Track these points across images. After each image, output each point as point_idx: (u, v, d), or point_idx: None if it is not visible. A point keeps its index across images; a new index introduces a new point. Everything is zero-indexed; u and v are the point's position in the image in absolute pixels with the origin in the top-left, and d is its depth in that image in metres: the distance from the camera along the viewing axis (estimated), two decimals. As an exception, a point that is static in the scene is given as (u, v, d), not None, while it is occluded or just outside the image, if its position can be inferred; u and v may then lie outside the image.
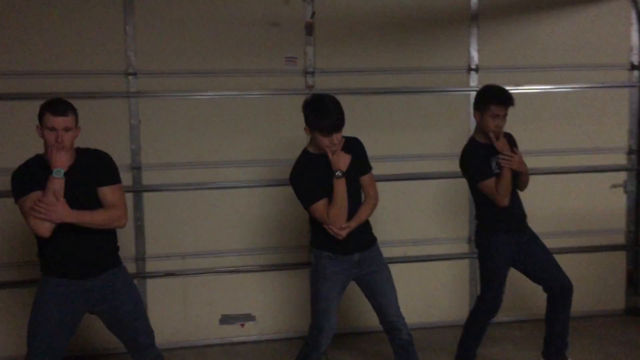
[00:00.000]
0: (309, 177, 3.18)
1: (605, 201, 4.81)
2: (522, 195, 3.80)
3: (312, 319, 3.33)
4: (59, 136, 2.82)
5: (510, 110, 3.64)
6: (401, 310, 3.36)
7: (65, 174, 2.82)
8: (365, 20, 4.43)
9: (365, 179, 3.32)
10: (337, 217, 3.14)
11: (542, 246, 3.74)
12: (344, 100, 3.26)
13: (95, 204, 2.95)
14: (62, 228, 2.85)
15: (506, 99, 3.54)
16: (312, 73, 4.37)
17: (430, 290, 4.71)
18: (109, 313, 3.04)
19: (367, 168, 3.33)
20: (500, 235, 3.64)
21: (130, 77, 4.16)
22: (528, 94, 4.64)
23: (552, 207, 4.76)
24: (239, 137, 4.35)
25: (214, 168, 4.32)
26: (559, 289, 3.70)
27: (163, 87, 4.23)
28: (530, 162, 4.27)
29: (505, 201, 3.55)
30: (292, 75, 4.37)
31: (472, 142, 3.71)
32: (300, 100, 4.28)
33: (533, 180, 4.48)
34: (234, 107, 4.33)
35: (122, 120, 4.19)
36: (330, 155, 3.11)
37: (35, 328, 2.91)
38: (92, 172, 2.96)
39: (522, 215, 3.75)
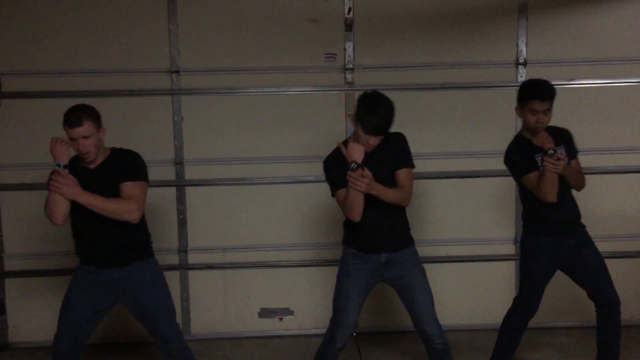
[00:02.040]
0: (339, 165, 3.07)
1: (668, 203, 4.50)
2: (580, 195, 3.58)
3: (332, 313, 3.29)
4: (80, 145, 2.98)
5: (564, 106, 3.48)
6: (447, 310, 3.22)
7: (66, 166, 2.96)
8: (406, 14, 4.34)
9: (399, 174, 3.14)
10: (350, 210, 3.03)
11: (594, 254, 3.50)
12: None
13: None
14: (90, 219, 3.00)
15: (545, 93, 3.33)
16: (352, 69, 4.33)
17: (475, 292, 4.58)
18: (133, 304, 3.15)
19: (404, 163, 3.16)
20: (541, 237, 3.47)
21: (173, 74, 4.29)
22: (581, 88, 4.40)
23: (612, 208, 4.51)
24: (278, 134, 4.39)
25: (254, 164, 4.39)
26: (604, 304, 3.50)
27: (205, 84, 4.32)
28: (585, 161, 4.06)
29: (549, 197, 3.30)
30: (332, 71, 4.35)
31: (517, 137, 3.55)
32: (339, 96, 4.36)
33: (590, 180, 4.27)
34: (273, 104, 4.37)
35: (165, 117, 4.32)
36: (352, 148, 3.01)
37: (65, 308, 3.10)
38: (118, 169, 3.07)
39: (571, 218, 3.50)
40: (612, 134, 4.45)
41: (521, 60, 4.36)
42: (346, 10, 4.28)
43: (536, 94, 3.33)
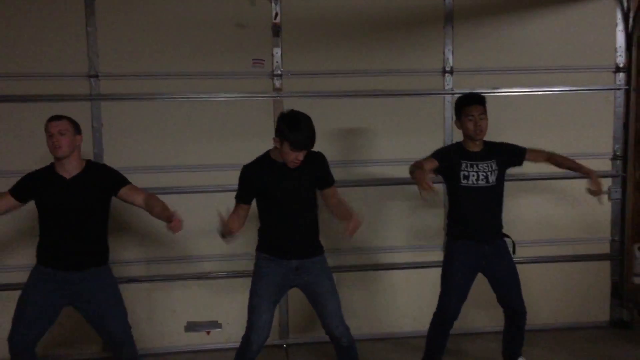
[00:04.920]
0: (255, 178, 3.27)
1: (590, 209, 4.61)
2: (506, 201, 3.76)
3: (247, 315, 3.35)
4: (54, 139, 3.17)
5: (489, 113, 3.63)
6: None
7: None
8: (335, 21, 4.31)
9: (329, 193, 3.37)
10: (232, 221, 3.26)
11: (507, 266, 3.69)
12: (312, 104, 3.38)
13: (100, 210, 3.31)
14: (59, 223, 3.21)
15: (476, 99, 3.63)
16: (280, 75, 4.26)
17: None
18: (86, 308, 3.29)
19: (330, 183, 3.38)
20: (457, 241, 3.68)
21: (92, 79, 4.10)
22: (507, 97, 4.49)
23: (534, 214, 4.60)
24: (203, 141, 4.26)
25: (178, 172, 4.25)
26: (511, 313, 3.75)
27: (126, 89, 4.16)
28: (510, 169, 4.14)
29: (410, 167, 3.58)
30: (260, 77, 4.27)
31: (456, 143, 3.79)
32: (267, 103, 4.27)
33: (514, 187, 4.37)
34: (199, 110, 4.25)
35: (84, 123, 3.99)
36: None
37: (21, 306, 3.25)
38: (99, 182, 3.28)
39: (488, 226, 3.65)
40: (535, 141, 4.47)
41: (447, 69, 4.40)
42: (273, 15, 4.20)
43: (469, 100, 3.64)
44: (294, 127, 3.11)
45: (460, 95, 3.80)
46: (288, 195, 3.25)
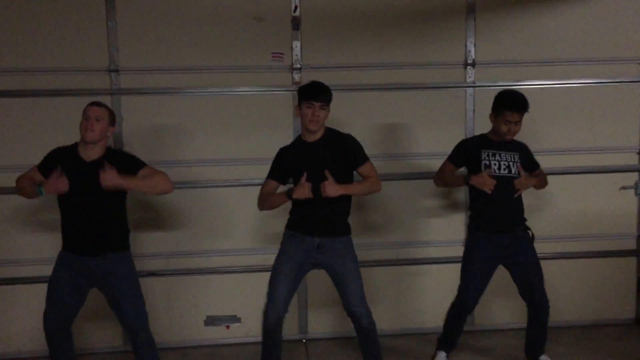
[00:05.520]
0: (284, 158, 3.44)
1: (615, 204, 4.53)
2: (527, 196, 3.74)
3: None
4: (89, 123, 3.25)
5: None
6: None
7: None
8: (354, 13, 4.26)
9: (362, 170, 3.42)
10: (262, 204, 3.49)
11: (529, 259, 3.68)
12: (332, 97, 3.37)
13: (117, 195, 3.32)
14: (77, 209, 3.27)
15: (520, 106, 3.57)
16: (299, 69, 4.22)
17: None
18: (106, 292, 3.39)
19: (361, 160, 3.41)
20: (477, 232, 3.70)
21: (112, 73, 4.11)
22: (529, 89, 4.31)
23: (558, 209, 4.52)
24: (222, 135, 4.25)
25: (197, 166, 4.24)
26: (533, 307, 3.75)
27: (146, 83, 4.16)
28: (545, 162, 4.06)
29: (437, 183, 3.87)
30: (279, 71, 4.24)
31: (480, 135, 3.82)
32: (287, 97, 4.24)
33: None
34: (218, 105, 4.23)
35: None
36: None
37: (51, 289, 3.38)
38: (118, 168, 3.24)
39: (509, 218, 3.65)
40: (560, 135, 4.46)
41: (469, 61, 4.34)
42: (292, 8, 4.17)
43: (511, 106, 3.57)
44: (309, 84, 3.38)
45: (503, 90, 3.70)
46: (315, 173, 3.30)
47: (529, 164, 3.75)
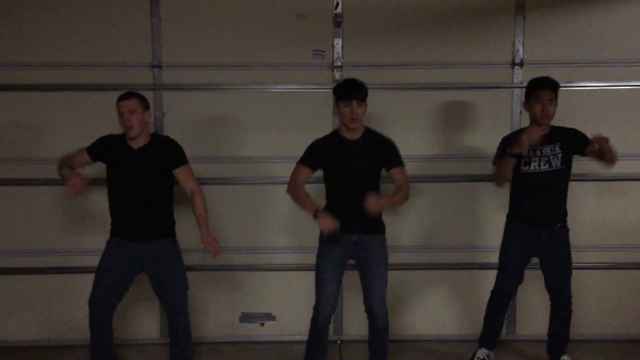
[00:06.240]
0: (320, 151, 3.48)
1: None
2: (571, 202, 3.73)
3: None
4: (125, 118, 3.36)
5: (562, 108, 3.59)
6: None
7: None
8: (397, 11, 4.17)
9: (394, 173, 3.48)
10: (290, 192, 3.52)
11: (562, 256, 3.69)
12: (374, 97, 3.39)
13: (164, 181, 3.49)
14: (127, 198, 3.42)
15: (549, 83, 3.58)
16: (340, 67, 4.16)
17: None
18: (152, 276, 3.55)
19: (395, 163, 3.47)
20: (514, 222, 3.74)
21: (155, 69, 4.15)
22: (581, 91, 4.21)
23: (601, 217, 4.32)
24: (262, 132, 4.24)
25: (237, 163, 4.24)
26: (555, 298, 3.77)
27: (188, 79, 4.18)
28: (580, 167, 3.95)
29: (497, 182, 3.72)
30: (320, 69, 4.19)
31: (518, 129, 3.81)
32: (327, 95, 4.20)
33: (581, 187, 4.15)
34: (258, 101, 4.22)
35: None
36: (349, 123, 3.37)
37: (100, 273, 3.51)
38: (162, 155, 3.46)
39: (548, 213, 3.62)
40: (612, 139, 4.24)
41: (517, 61, 4.18)
42: (334, 4, 4.12)
43: (539, 83, 3.60)
44: (346, 82, 3.42)
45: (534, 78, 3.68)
46: (349, 170, 3.39)
47: (578, 145, 3.61)
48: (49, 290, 4.32)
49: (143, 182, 3.42)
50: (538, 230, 3.64)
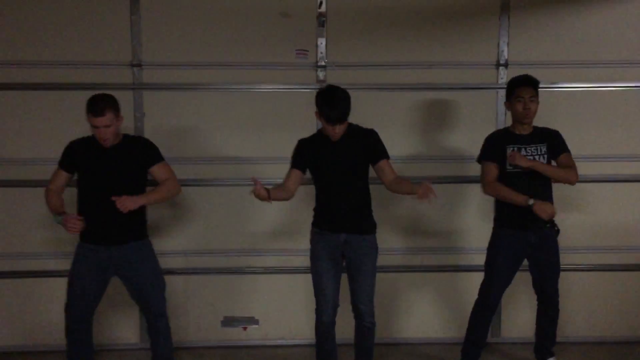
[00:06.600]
0: (305, 150, 3.44)
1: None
2: (560, 205, 3.70)
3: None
4: (101, 132, 3.26)
5: (545, 109, 3.57)
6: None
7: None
8: (382, 10, 4.13)
9: (382, 165, 3.42)
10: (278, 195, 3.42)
11: (550, 258, 3.65)
12: (358, 97, 3.30)
13: (136, 181, 3.40)
14: (97, 202, 3.31)
15: (528, 80, 3.55)
16: (324, 67, 4.11)
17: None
18: (127, 279, 3.47)
19: (381, 155, 3.41)
20: (502, 229, 3.66)
21: (134, 68, 4.06)
22: (565, 92, 4.21)
23: (589, 219, 4.32)
24: (244, 133, 4.17)
25: (218, 164, 4.17)
26: (543, 297, 3.73)
27: (168, 79, 4.10)
28: None
29: (485, 190, 3.63)
30: (303, 68, 4.14)
31: (503, 128, 3.79)
32: (311, 95, 4.12)
33: (567, 189, 4.12)
34: (240, 101, 4.16)
35: (126, 112, 4.00)
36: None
37: (72, 280, 3.42)
38: (136, 154, 3.38)
39: (535, 216, 3.52)
40: (595, 140, 4.25)
41: (502, 62, 4.16)
42: (318, 3, 4.06)
43: (520, 81, 3.56)
44: (329, 102, 3.26)
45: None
46: (334, 169, 3.36)
47: (558, 146, 3.62)
48: (22, 294, 4.21)
49: (115, 181, 3.32)
50: (527, 234, 3.58)
